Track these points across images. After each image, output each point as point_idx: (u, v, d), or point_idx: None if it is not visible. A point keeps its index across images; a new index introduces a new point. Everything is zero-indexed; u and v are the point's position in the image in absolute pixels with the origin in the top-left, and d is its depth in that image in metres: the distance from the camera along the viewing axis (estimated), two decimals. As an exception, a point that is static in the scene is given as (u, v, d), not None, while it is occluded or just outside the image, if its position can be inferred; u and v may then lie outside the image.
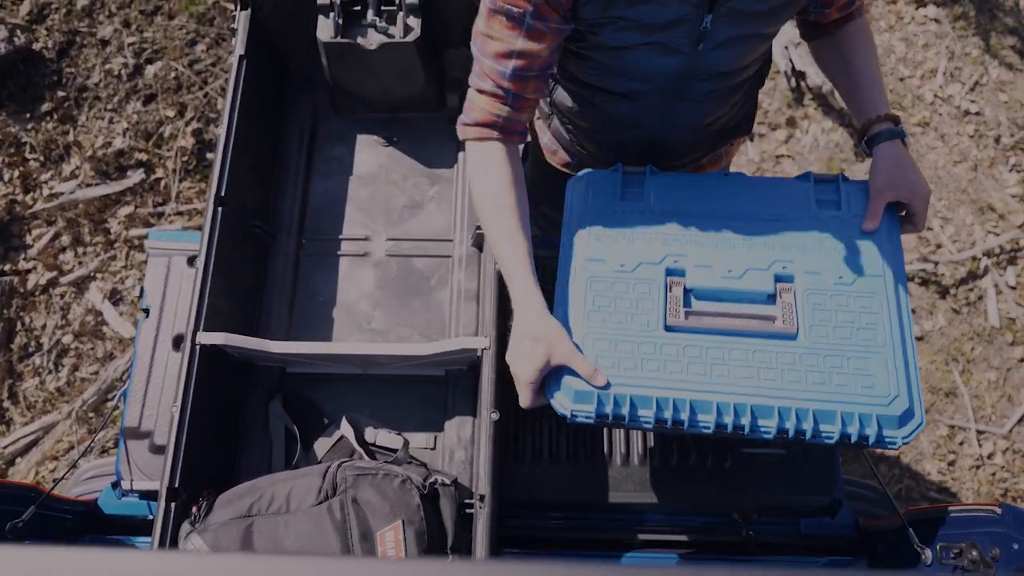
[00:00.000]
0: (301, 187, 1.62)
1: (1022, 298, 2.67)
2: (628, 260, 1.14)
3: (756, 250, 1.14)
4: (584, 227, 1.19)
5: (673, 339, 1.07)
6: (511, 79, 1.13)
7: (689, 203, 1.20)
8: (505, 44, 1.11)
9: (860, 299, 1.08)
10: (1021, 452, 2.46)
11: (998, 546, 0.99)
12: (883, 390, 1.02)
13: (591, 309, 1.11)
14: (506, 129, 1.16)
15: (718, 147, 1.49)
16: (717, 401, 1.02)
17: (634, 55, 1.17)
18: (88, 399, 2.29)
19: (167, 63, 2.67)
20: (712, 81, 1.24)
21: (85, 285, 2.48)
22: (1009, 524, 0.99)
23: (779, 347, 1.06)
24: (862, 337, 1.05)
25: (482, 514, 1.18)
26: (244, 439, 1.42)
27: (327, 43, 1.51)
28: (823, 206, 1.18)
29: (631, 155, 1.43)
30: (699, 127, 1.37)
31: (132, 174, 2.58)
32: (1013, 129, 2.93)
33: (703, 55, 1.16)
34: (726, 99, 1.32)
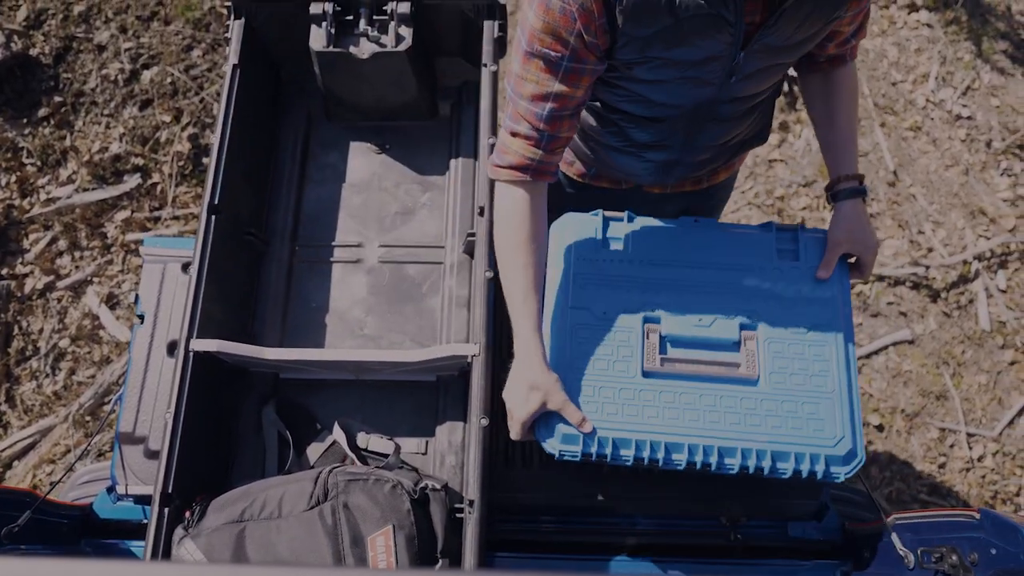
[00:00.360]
0: (295, 194, 1.64)
1: (1012, 302, 2.69)
2: (610, 308, 1.26)
3: (724, 299, 1.26)
4: (568, 274, 1.29)
5: (650, 384, 1.20)
6: (547, 120, 1.16)
7: (665, 252, 1.31)
8: (542, 87, 1.14)
9: (813, 347, 1.22)
10: (1011, 455, 2.48)
11: (977, 551, 1.01)
12: (831, 432, 1.17)
13: (576, 356, 1.22)
14: (538, 171, 1.19)
15: (734, 158, 1.53)
16: (688, 443, 1.16)
17: (666, 88, 1.20)
18: (85, 403, 2.31)
19: (163, 68, 2.69)
20: (735, 104, 1.28)
21: (82, 289, 2.50)
22: (987, 529, 1.01)
23: (742, 392, 1.20)
24: (814, 383, 1.20)
25: (471, 519, 1.19)
26: (238, 444, 1.43)
27: (320, 52, 1.53)
28: (783, 256, 1.30)
29: (650, 172, 1.47)
30: (719, 145, 1.41)
31: (129, 179, 2.59)
32: (1004, 133, 2.95)
33: (731, 85, 1.21)
34: (746, 118, 1.36)
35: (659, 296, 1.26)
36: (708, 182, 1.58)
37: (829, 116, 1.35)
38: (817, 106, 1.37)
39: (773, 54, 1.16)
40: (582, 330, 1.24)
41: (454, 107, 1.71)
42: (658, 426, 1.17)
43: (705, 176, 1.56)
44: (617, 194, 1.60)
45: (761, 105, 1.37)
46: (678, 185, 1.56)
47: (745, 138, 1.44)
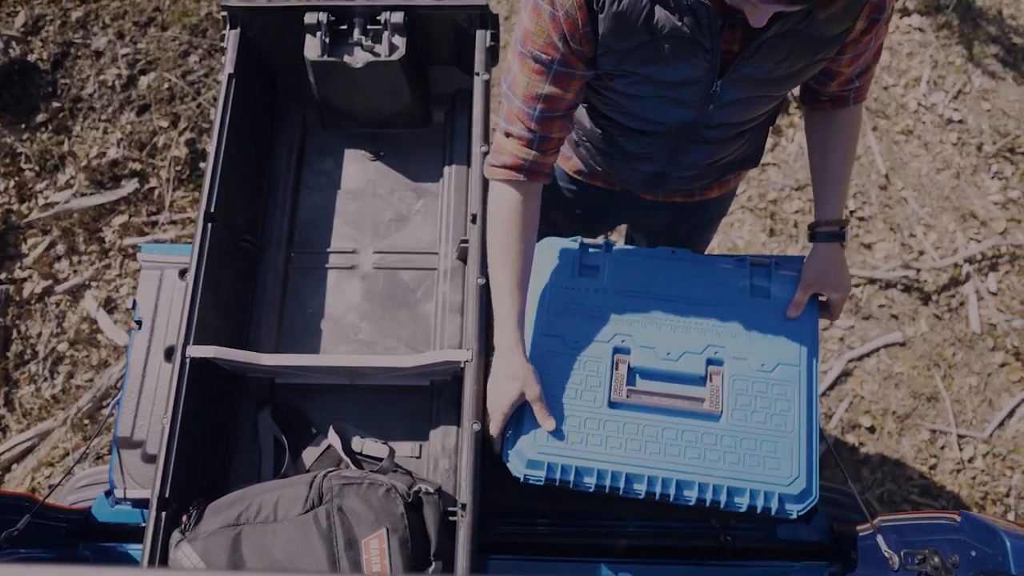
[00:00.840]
0: (290, 201, 1.66)
1: (1003, 304, 2.71)
2: (581, 338, 1.28)
3: (693, 334, 1.28)
4: (543, 302, 1.32)
5: (615, 416, 1.24)
6: (538, 121, 1.20)
7: (639, 283, 1.33)
8: (533, 88, 1.18)
9: (777, 387, 1.25)
10: (1001, 456, 2.50)
11: (958, 552, 1.03)
12: (786, 472, 1.20)
13: (547, 383, 1.25)
14: (531, 172, 1.24)
15: (725, 177, 1.55)
16: (648, 474, 1.21)
17: (645, 104, 1.24)
18: (83, 406, 2.32)
19: (160, 74, 2.71)
20: (721, 129, 1.30)
21: (80, 293, 2.52)
22: (967, 532, 1.03)
23: (704, 427, 1.23)
24: (775, 423, 1.23)
25: (464, 522, 1.21)
26: (234, 449, 1.45)
27: (314, 61, 1.55)
28: (755, 293, 1.33)
29: (639, 181, 1.49)
30: (706, 165, 1.43)
31: (126, 183, 2.61)
32: (995, 137, 2.97)
33: (711, 112, 1.23)
34: (734, 142, 1.38)
35: (631, 327, 1.29)
36: (700, 196, 1.60)
37: (823, 156, 1.36)
38: (815, 143, 1.39)
39: (755, 86, 1.17)
40: (553, 357, 1.27)
41: (448, 115, 1.73)
42: (620, 457, 1.22)
43: (697, 191, 1.58)
44: (612, 195, 1.62)
45: (751, 131, 1.38)
46: (669, 196, 1.58)
47: (735, 160, 1.46)
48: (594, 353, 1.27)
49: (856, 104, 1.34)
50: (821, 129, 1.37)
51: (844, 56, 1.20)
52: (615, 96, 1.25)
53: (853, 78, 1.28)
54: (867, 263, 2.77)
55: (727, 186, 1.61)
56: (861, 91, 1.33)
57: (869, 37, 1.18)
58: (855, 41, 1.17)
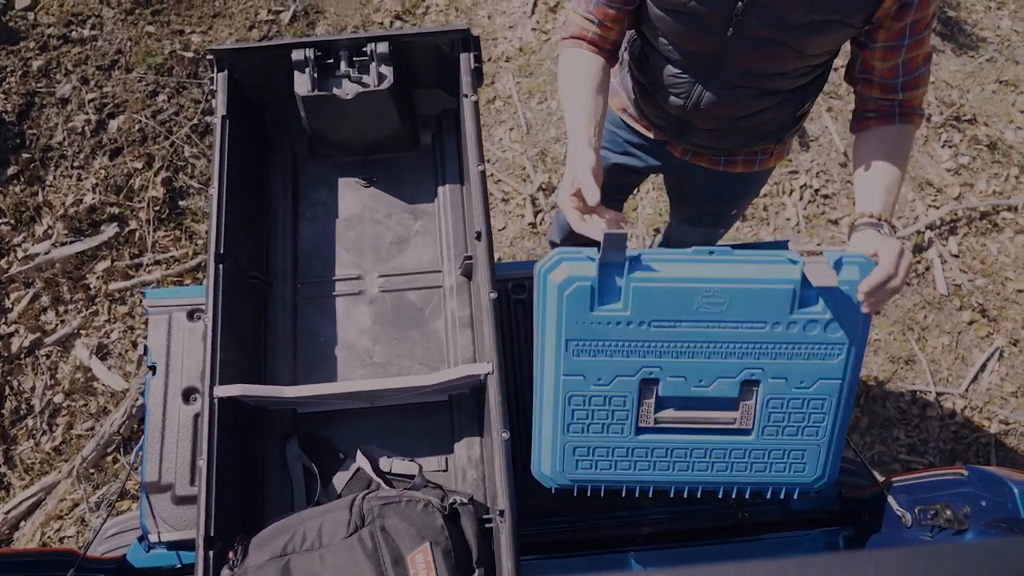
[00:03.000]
0: (290, 234, 1.69)
1: (965, 265, 2.86)
2: (605, 374, 1.22)
3: (728, 359, 1.19)
4: (560, 339, 1.21)
5: (643, 442, 1.26)
6: (595, 6, 1.40)
7: (667, 310, 1.18)
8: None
9: (814, 402, 1.19)
10: (978, 408, 2.64)
11: (968, 504, 1.11)
12: (811, 473, 1.24)
13: (571, 422, 1.26)
14: (595, 43, 1.42)
15: (749, 148, 1.63)
16: (676, 485, 1.29)
17: (678, 18, 1.33)
18: (87, 455, 2.32)
19: (130, 116, 2.70)
20: (743, 77, 1.38)
21: (70, 343, 2.50)
22: (975, 484, 1.11)
23: (733, 443, 1.24)
24: (807, 433, 1.21)
25: (504, 527, 1.26)
26: (265, 482, 1.48)
27: (305, 97, 1.59)
28: (804, 305, 1.15)
29: (668, 124, 1.59)
30: (729, 120, 1.50)
31: (106, 228, 2.60)
32: (942, 107, 3.12)
33: (734, 44, 1.31)
34: (756, 101, 1.44)
35: (659, 359, 1.19)
36: (724, 166, 1.68)
37: (868, 167, 1.30)
38: (861, 159, 1.33)
39: (776, 27, 1.24)
40: (576, 398, 1.24)
41: (435, 136, 1.78)
42: (649, 474, 1.27)
43: (721, 159, 1.67)
44: (648, 142, 1.73)
45: (773, 98, 1.43)
46: (696, 156, 1.68)
47: (753, 128, 1.52)
48: (620, 388, 1.22)
49: (904, 123, 1.33)
50: (869, 146, 1.34)
51: (876, 45, 1.25)
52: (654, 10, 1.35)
53: (896, 86, 1.30)
54: (835, 238, 2.89)
55: (752, 165, 1.69)
56: (908, 105, 1.32)
57: (902, 26, 1.22)
58: (886, 27, 1.23)
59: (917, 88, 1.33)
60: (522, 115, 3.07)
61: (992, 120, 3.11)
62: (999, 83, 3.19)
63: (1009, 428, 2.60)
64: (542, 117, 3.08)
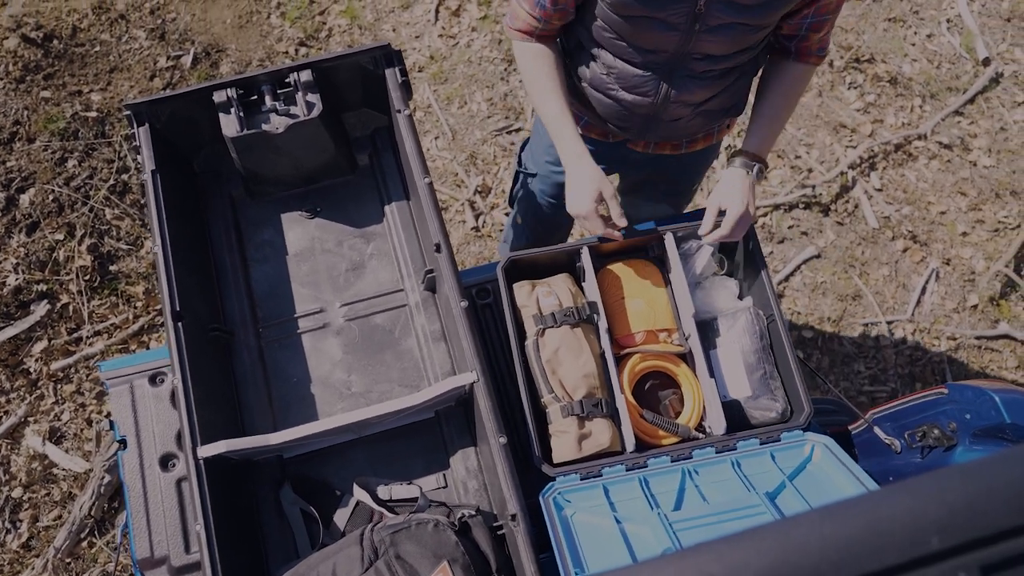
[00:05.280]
0: (242, 279, 1.65)
1: (889, 196, 2.99)
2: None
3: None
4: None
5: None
6: (540, 10, 1.44)
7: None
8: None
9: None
10: (926, 329, 2.76)
11: (954, 419, 1.17)
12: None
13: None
14: (543, 37, 1.50)
15: (711, 126, 1.67)
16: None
17: (635, 25, 1.35)
18: (60, 546, 2.20)
19: (41, 187, 2.57)
20: (706, 62, 1.41)
21: (19, 433, 2.38)
22: (957, 400, 1.17)
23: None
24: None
25: (519, 531, 1.25)
26: (265, 533, 1.44)
27: (234, 137, 1.54)
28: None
29: (633, 124, 1.59)
30: (694, 108, 1.53)
31: (36, 307, 2.48)
32: (841, 52, 3.25)
33: (698, 36, 1.34)
34: (719, 81, 1.48)
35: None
36: (687, 148, 1.71)
37: (759, 99, 1.52)
38: (759, 89, 1.54)
39: (737, 11, 1.28)
40: None
41: (372, 156, 1.75)
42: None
43: (684, 142, 1.69)
44: (605, 147, 1.73)
45: (734, 74, 1.48)
46: (659, 147, 1.69)
47: (719, 108, 1.56)
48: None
49: (799, 63, 1.48)
50: (766, 76, 1.52)
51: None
52: (610, 16, 1.37)
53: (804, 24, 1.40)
54: (767, 191, 2.98)
55: (711, 139, 1.73)
56: (803, 46, 1.46)
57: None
58: None
59: (820, 31, 1.43)
60: (444, 122, 3.07)
61: (889, 57, 3.26)
62: (889, 21, 3.35)
63: (958, 343, 2.73)
64: (464, 121, 3.08)
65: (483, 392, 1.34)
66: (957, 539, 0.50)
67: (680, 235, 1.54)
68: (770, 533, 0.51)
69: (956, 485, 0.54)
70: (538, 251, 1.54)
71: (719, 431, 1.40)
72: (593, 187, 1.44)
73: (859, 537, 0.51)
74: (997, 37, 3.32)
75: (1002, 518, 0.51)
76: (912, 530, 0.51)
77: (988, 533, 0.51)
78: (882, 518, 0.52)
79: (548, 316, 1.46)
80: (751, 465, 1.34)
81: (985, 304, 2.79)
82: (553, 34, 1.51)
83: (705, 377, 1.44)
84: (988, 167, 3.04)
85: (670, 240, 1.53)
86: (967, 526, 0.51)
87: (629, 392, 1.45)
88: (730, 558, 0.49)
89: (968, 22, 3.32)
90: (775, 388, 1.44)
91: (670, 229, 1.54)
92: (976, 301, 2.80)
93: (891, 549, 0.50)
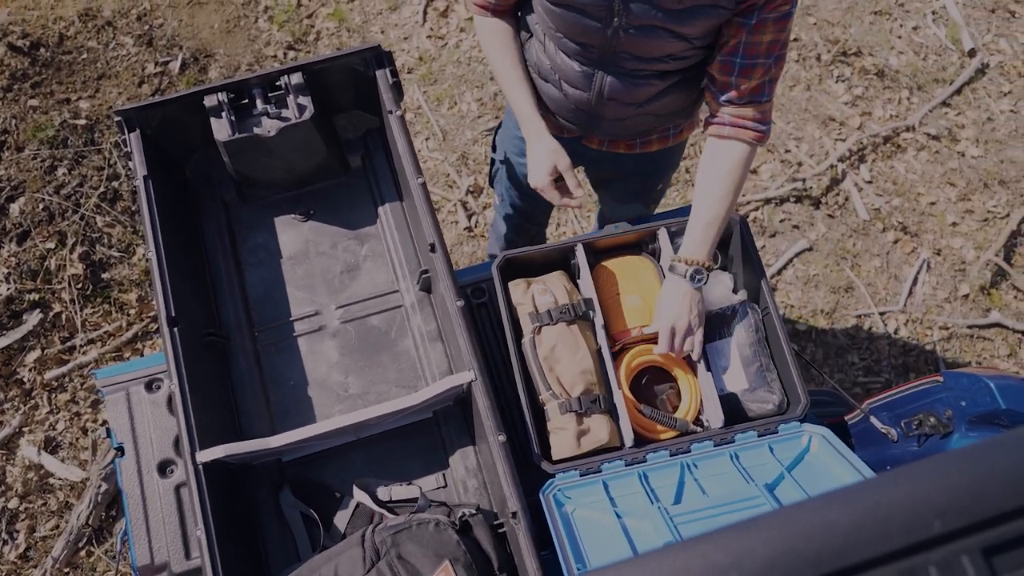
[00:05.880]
0: (237, 284, 1.64)
1: (879, 188, 3.00)
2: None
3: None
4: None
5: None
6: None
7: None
8: None
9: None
10: (918, 320, 2.78)
11: (950, 407, 1.18)
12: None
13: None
14: (498, 12, 1.54)
15: (660, 129, 1.67)
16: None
17: (564, 13, 1.37)
18: (59, 555, 2.19)
19: (31, 196, 2.56)
20: (635, 61, 1.40)
21: (15, 443, 2.36)
22: (952, 388, 1.18)
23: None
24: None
25: (520, 529, 1.25)
26: (266, 537, 1.44)
27: (226, 142, 1.54)
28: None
29: (575, 116, 1.59)
30: (634, 109, 1.52)
31: (28, 317, 2.47)
32: (828, 46, 3.27)
33: (622, 34, 1.34)
34: (655, 82, 1.46)
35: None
36: (641, 148, 1.71)
37: (698, 193, 1.44)
38: (698, 180, 1.46)
39: (655, 14, 1.28)
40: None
41: (364, 157, 1.75)
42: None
43: (637, 142, 1.69)
44: (563, 142, 1.68)
45: (671, 77, 1.45)
46: (613, 144, 1.69)
47: (665, 111, 1.55)
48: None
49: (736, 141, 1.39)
50: (705, 162, 1.44)
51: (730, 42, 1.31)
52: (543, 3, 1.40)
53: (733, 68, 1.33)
54: (757, 186, 2.99)
55: (667, 141, 1.71)
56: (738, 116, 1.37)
57: (756, 5, 1.26)
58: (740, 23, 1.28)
59: (750, 78, 1.34)
60: (435, 123, 3.07)
61: (875, 49, 3.27)
62: (875, 14, 3.36)
63: (950, 332, 2.75)
64: (455, 122, 3.08)
65: (481, 391, 1.34)
66: (958, 522, 0.51)
67: (674, 230, 1.55)
68: (774, 521, 0.52)
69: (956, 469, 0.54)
70: (533, 249, 1.55)
71: (717, 424, 1.40)
72: (549, 161, 1.52)
73: (862, 523, 0.51)
74: (982, 28, 3.35)
75: (1002, 500, 0.52)
76: (914, 515, 0.51)
77: (988, 515, 0.51)
78: (884, 503, 0.52)
79: (544, 314, 1.46)
80: (749, 457, 1.34)
81: (976, 293, 2.81)
82: (508, 9, 1.54)
83: (702, 371, 1.45)
84: (976, 157, 3.06)
85: (664, 235, 1.54)
86: (968, 509, 0.51)
87: (627, 387, 1.46)
88: (735, 546, 0.50)
89: (953, 13, 3.35)
90: (771, 380, 1.45)
91: (664, 224, 1.55)
92: (967, 290, 2.82)
93: (894, 534, 0.51)
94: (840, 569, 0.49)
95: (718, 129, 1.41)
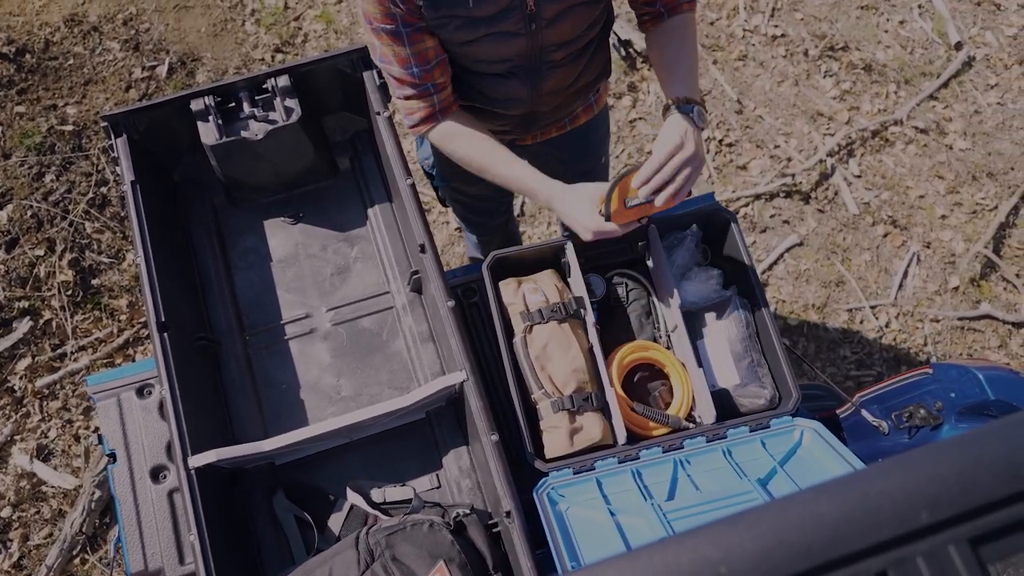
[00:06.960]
0: (227, 287, 1.64)
1: (868, 182, 3.02)
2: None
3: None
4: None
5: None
6: (420, 76, 1.34)
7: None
8: (398, 53, 1.30)
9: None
10: (909, 312, 2.79)
11: (939, 399, 1.18)
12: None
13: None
14: (443, 111, 1.41)
15: (586, 99, 1.66)
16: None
17: (481, 46, 1.33)
18: (53, 564, 2.18)
19: (18, 203, 2.55)
20: (562, 48, 1.40)
21: (6, 451, 2.35)
22: (942, 379, 1.19)
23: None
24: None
25: (514, 528, 1.25)
26: (260, 541, 1.44)
27: (214, 145, 1.54)
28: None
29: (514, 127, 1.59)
30: (566, 90, 1.52)
31: (18, 324, 2.45)
32: (816, 41, 3.28)
33: (541, 32, 1.33)
34: (580, 58, 1.46)
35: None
36: (571, 125, 1.71)
37: (663, 56, 1.40)
38: (654, 54, 1.44)
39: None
40: None
41: (352, 159, 1.75)
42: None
43: (567, 121, 1.69)
44: None
45: (592, 44, 1.46)
46: (545, 133, 1.69)
47: (591, 79, 1.55)
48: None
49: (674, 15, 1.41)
50: (658, 42, 1.43)
51: None
52: (455, 49, 1.35)
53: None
54: (747, 182, 3.00)
55: (592, 110, 1.72)
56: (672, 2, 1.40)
57: None
58: None
59: None
60: (424, 124, 3.06)
61: (863, 44, 3.29)
62: (861, 8, 3.38)
63: (940, 324, 2.77)
64: (444, 122, 3.08)
65: (473, 391, 1.34)
66: (946, 512, 0.51)
67: (663, 226, 1.55)
68: (764, 514, 0.52)
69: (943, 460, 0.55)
70: (523, 248, 1.55)
71: (709, 420, 1.41)
72: (590, 202, 1.34)
73: (851, 514, 0.51)
74: (968, 21, 3.36)
75: (989, 490, 0.52)
76: (902, 505, 0.52)
77: (976, 505, 0.52)
78: (873, 494, 0.52)
79: (535, 312, 1.46)
80: (742, 452, 1.35)
81: (966, 285, 2.83)
82: (450, 100, 1.41)
83: (693, 367, 1.45)
84: (964, 150, 3.07)
85: (653, 231, 1.54)
86: (955, 500, 0.52)
87: (619, 385, 1.46)
88: (727, 540, 0.50)
89: (939, 7, 3.36)
90: (763, 375, 1.45)
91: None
92: (957, 283, 2.83)
93: (883, 524, 0.51)
94: (830, 560, 0.49)
95: (657, 16, 1.43)
